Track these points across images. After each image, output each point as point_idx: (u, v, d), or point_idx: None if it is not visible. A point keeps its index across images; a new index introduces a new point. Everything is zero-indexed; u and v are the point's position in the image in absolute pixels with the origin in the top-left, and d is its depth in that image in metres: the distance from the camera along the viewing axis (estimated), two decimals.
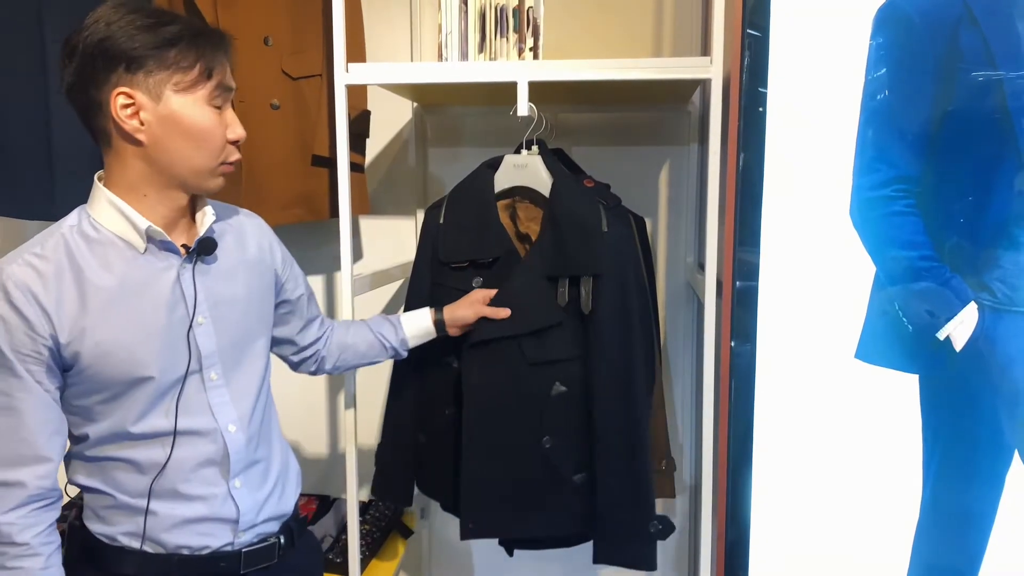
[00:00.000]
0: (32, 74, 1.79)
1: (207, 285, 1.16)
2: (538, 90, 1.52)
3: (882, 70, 1.36)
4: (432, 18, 2.01)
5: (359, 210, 1.89)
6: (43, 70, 1.78)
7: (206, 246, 1.15)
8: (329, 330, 1.48)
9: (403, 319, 1.54)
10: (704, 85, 1.75)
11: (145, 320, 1.10)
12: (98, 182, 1.12)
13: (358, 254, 2.17)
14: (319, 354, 1.46)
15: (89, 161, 1.75)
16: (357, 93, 1.85)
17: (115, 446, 1.12)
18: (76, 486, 1.16)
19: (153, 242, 1.12)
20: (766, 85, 1.39)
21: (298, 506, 1.32)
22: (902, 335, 1.41)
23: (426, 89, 1.77)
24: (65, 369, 1.08)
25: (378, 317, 1.54)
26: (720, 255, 1.50)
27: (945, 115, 1.35)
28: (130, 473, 1.12)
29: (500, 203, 1.61)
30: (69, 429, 1.12)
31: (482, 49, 1.59)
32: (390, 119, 2.09)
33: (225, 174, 1.16)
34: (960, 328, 1.38)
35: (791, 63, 1.38)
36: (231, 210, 1.29)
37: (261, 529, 1.22)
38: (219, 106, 1.12)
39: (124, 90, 1.05)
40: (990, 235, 1.36)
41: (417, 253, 1.67)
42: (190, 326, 1.13)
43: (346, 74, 1.56)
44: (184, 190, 1.14)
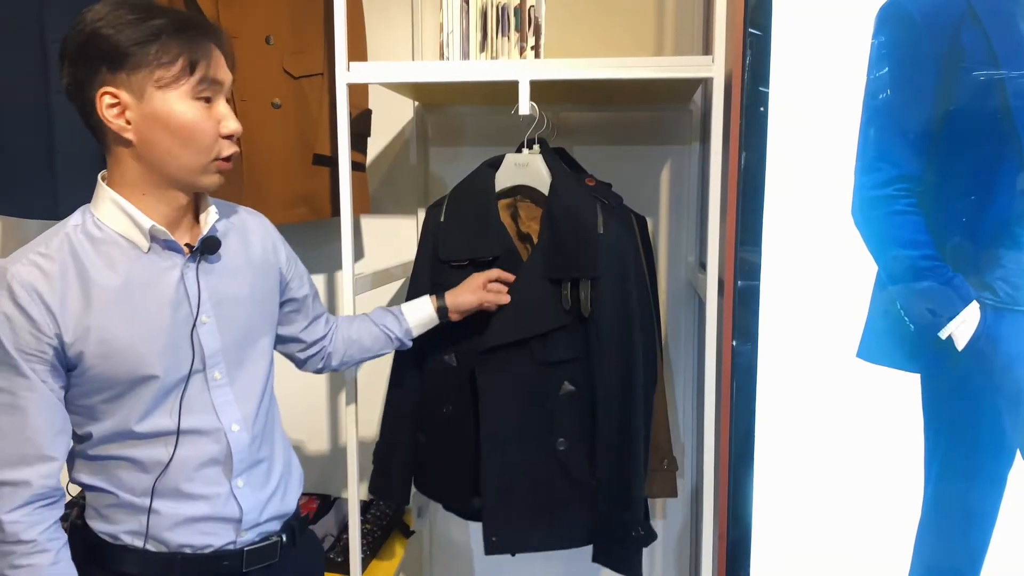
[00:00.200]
0: (33, 73, 1.79)
1: (211, 284, 1.16)
2: (539, 89, 1.52)
3: (884, 69, 1.36)
4: (433, 17, 2.01)
5: (360, 209, 1.89)
6: (44, 69, 1.78)
7: (210, 245, 1.15)
8: (334, 327, 1.48)
9: (405, 309, 1.54)
10: (706, 84, 1.75)
11: (149, 319, 1.09)
12: (101, 181, 1.12)
13: (359, 253, 2.17)
14: (325, 351, 1.46)
15: (91, 160, 1.75)
16: (358, 92, 1.85)
17: (118, 445, 1.11)
18: (78, 485, 1.16)
19: (157, 241, 1.12)
20: (768, 84, 1.39)
21: (300, 506, 1.32)
22: (904, 334, 1.41)
23: (427, 88, 1.77)
24: (69, 368, 1.07)
25: (379, 310, 1.54)
26: (721, 254, 1.50)
27: (947, 114, 1.34)
28: (133, 472, 1.12)
29: (501, 202, 1.61)
30: (72, 428, 1.12)
31: (483, 48, 1.59)
32: (391, 118, 2.09)
33: (222, 171, 1.13)
34: (962, 327, 1.38)
35: (793, 62, 1.38)
36: (235, 209, 1.29)
37: (263, 528, 1.22)
38: (208, 99, 1.09)
39: (109, 89, 1.05)
40: (992, 234, 1.36)
41: (418, 252, 1.68)
42: (194, 325, 1.13)
43: (347, 73, 1.56)
44: (180, 189, 1.12)
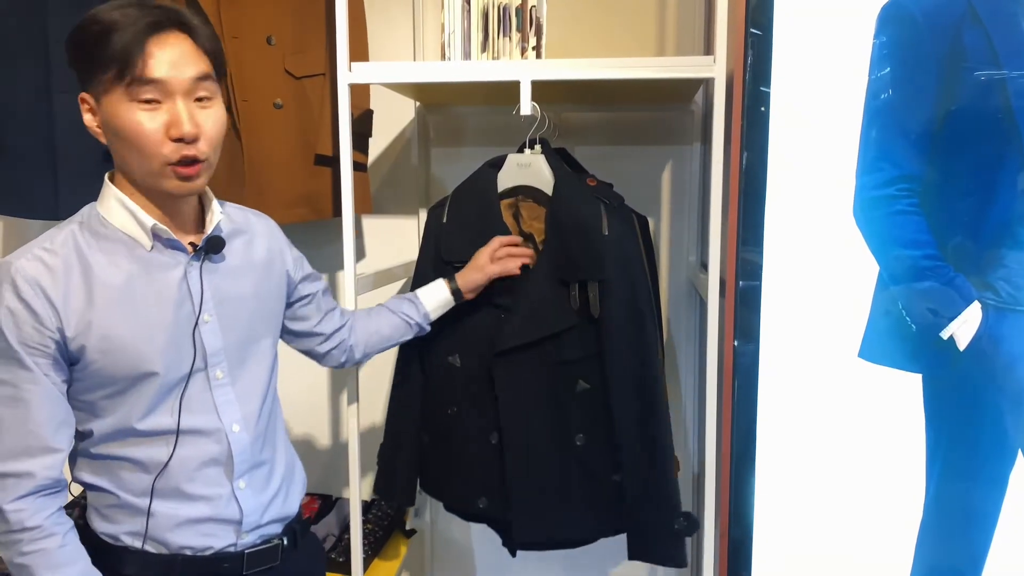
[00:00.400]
0: (35, 74, 1.79)
1: (214, 283, 1.16)
2: (541, 89, 1.52)
3: (885, 69, 1.36)
4: (435, 17, 2.01)
5: (362, 209, 1.89)
6: (46, 70, 1.78)
7: (214, 244, 1.16)
8: (351, 319, 1.49)
9: (420, 294, 1.55)
10: (707, 84, 1.74)
11: (150, 316, 1.10)
12: (107, 180, 1.13)
13: (361, 253, 2.17)
14: (345, 343, 1.47)
15: (92, 161, 1.74)
16: (360, 92, 1.85)
17: (120, 444, 1.12)
18: (81, 484, 1.16)
19: (159, 240, 1.12)
20: (769, 84, 1.39)
21: (302, 509, 1.32)
22: (905, 334, 1.41)
23: (429, 88, 1.77)
24: (72, 363, 1.08)
25: (395, 298, 1.56)
26: (723, 254, 1.50)
27: (948, 114, 1.34)
28: (134, 472, 1.13)
29: (503, 202, 1.61)
30: (76, 425, 1.13)
31: (485, 48, 1.59)
32: (393, 118, 2.09)
33: (182, 175, 1.07)
34: (964, 327, 1.38)
35: (794, 62, 1.38)
36: (243, 211, 1.29)
37: (264, 531, 1.22)
38: (151, 100, 1.04)
39: (83, 95, 1.08)
40: (994, 234, 1.35)
41: (420, 252, 1.68)
42: (196, 323, 1.13)
43: (349, 73, 1.56)
44: (155, 191, 1.11)
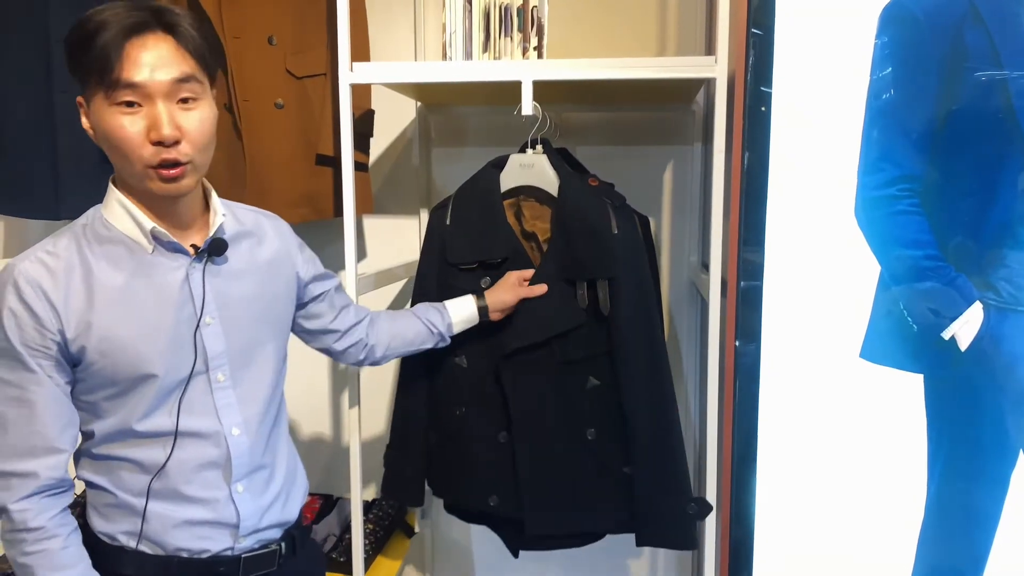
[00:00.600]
0: (37, 74, 1.79)
1: (217, 286, 1.16)
2: (542, 89, 1.52)
3: (887, 69, 1.36)
4: (436, 17, 2.01)
5: (363, 209, 1.89)
6: (48, 70, 1.78)
7: (216, 247, 1.15)
8: (368, 317, 1.48)
9: (449, 305, 1.55)
10: (708, 84, 1.74)
11: (150, 318, 1.10)
12: (111, 182, 1.13)
13: (362, 253, 2.17)
14: (364, 342, 1.46)
15: (93, 161, 1.75)
16: (361, 92, 1.85)
17: (120, 444, 1.12)
18: (82, 481, 1.16)
19: (160, 242, 1.12)
20: (770, 85, 1.39)
21: (302, 515, 1.31)
22: (907, 335, 1.41)
23: (430, 88, 1.77)
24: (74, 364, 1.09)
25: (424, 305, 1.56)
26: (724, 255, 1.50)
27: (950, 114, 1.34)
28: (133, 472, 1.13)
29: (505, 202, 1.61)
30: (79, 425, 1.13)
31: (486, 48, 1.59)
32: (394, 118, 2.09)
33: (166, 178, 1.06)
34: (965, 327, 1.38)
35: (796, 62, 1.38)
36: (253, 212, 1.28)
37: (263, 536, 1.21)
38: (130, 103, 1.04)
39: (79, 98, 1.08)
40: (995, 234, 1.35)
41: (422, 254, 1.67)
42: (197, 326, 1.13)
43: (350, 73, 1.56)
44: (146, 193, 1.10)
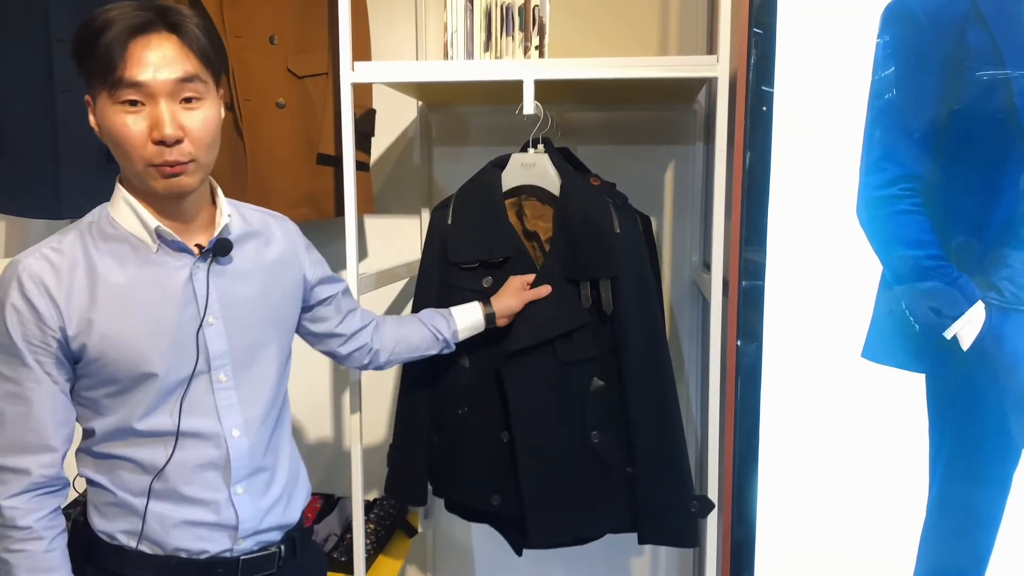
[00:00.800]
0: (38, 73, 1.79)
1: (221, 286, 1.16)
2: (544, 89, 1.51)
3: (889, 69, 1.35)
4: (438, 17, 2.01)
5: (364, 209, 1.89)
6: (49, 69, 1.78)
7: (221, 247, 1.15)
8: (374, 322, 1.48)
9: (455, 312, 1.54)
10: (710, 84, 1.75)
11: (152, 317, 1.10)
12: (118, 181, 1.14)
13: (363, 253, 2.17)
14: (368, 346, 1.45)
15: (95, 160, 1.75)
16: (362, 92, 1.85)
17: (121, 443, 1.12)
18: (84, 478, 1.16)
19: (164, 241, 1.12)
20: (772, 84, 1.39)
21: (303, 518, 1.30)
22: (909, 334, 1.41)
23: (431, 88, 1.77)
24: (75, 361, 1.09)
25: (430, 311, 1.55)
26: (726, 254, 1.49)
27: (952, 113, 1.34)
28: (133, 471, 1.13)
29: (507, 201, 1.61)
30: (80, 423, 1.13)
31: (488, 47, 1.59)
32: (395, 118, 2.09)
33: (169, 176, 1.06)
34: (967, 327, 1.38)
35: (797, 62, 1.38)
36: (262, 213, 1.28)
37: (263, 538, 1.20)
38: (134, 102, 1.04)
39: (87, 96, 1.08)
40: (997, 234, 1.35)
41: (424, 253, 1.67)
42: (200, 326, 1.13)
43: (352, 73, 1.56)
44: (150, 192, 1.10)
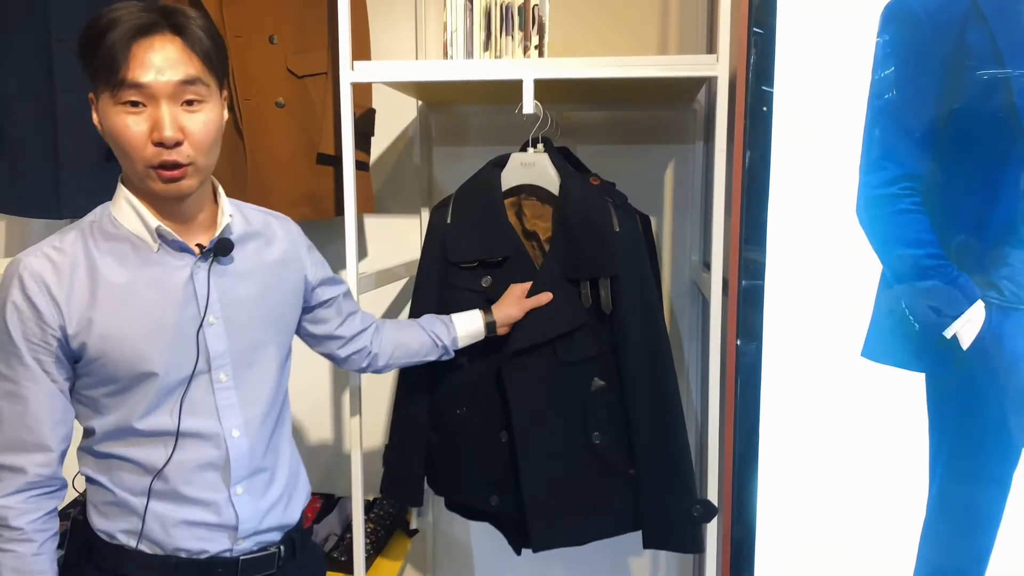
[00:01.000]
0: (38, 73, 1.79)
1: (222, 286, 1.16)
2: (543, 88, 1.51)
3: (889, 68, 1.35)
4: (437, 16, 2.01)
5: (364, 208, 1.89)
6: (49, 69, 1.78)
7: (222, 247, 1.15)
8: (374, 325, 1.48)
9: (456, 319, 1.54)
10: (710, 83, 1.75)
11: (153, 316, 1.10)
12: (120, 181, 1.14)
13: (363, 252, 2.17)
14: (367, 349, 1.45)
15: (95, 160, 1.75)
16: (362, 91, 1.85)
17: (120, 442, 1.12)
18: (84, 476, 1.16)
19: (165, 241, 1.12)
20: (772, 84, 1.39)
21: (303, 518, 1.31)
22: (909, 333, 1.41)
23: (431, 87, 1.77)
24: (75, 360, 1.09)
25: (430, 316, 1.55)
26: (726, 254, 1.49)
27: (952, 113, 1.34)
28: (133, 471, 1.13)
29: (506, 201, 1.61)
30: (80, 421, 1.13)
31: (487, 47, 1.59)
32: (395, 117, 2.09)
33: (167, 178, 1.07)
34: (967, 326, 1.38)
35: (797, 61, 1.38)
36: (264, 213, 1.28)
37: (262, 538, 1.20)
38: (135, 103, 1.04)
39: (91, 95, 1.08)
40: (997, 233, 1.35)
41: (423, 253, 1.67)
42: (200, 325, 1.13)
43: (351, 72, 1.56)
44: (149, 192, 1.10)
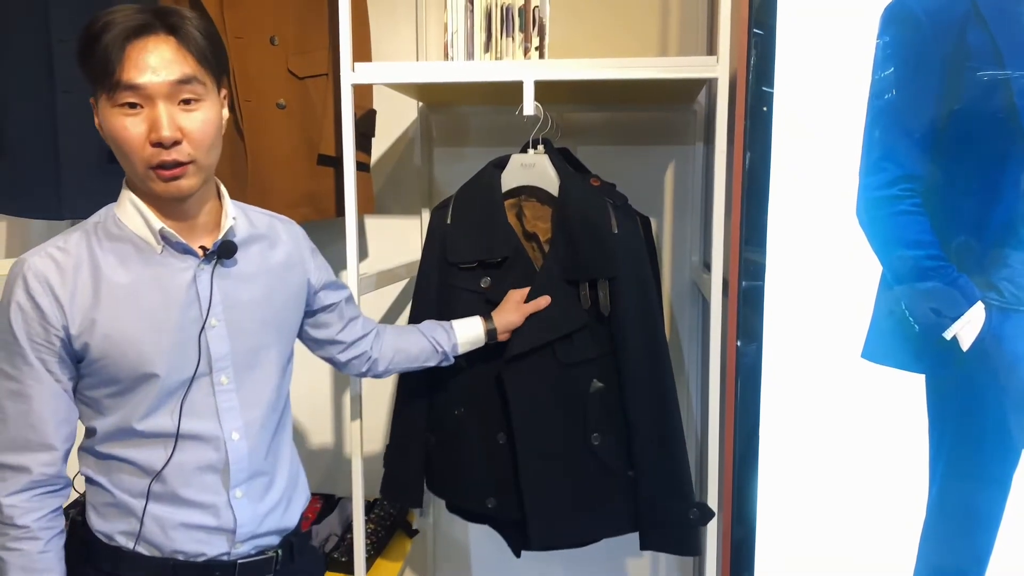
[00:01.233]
0: (38, 73, 1.79)
1: (225, 288, 1.16)
2: (544, 89, 1.52)
3: (889, 69, 1.36)
4: (438, 17, 2.01)
5: (364, 209, 1.89)
6: (49, 69, 1.78)
7: (225, 249, 1.15)
8: (375, 331, 1.47)
9: (456, 325, 1.53)
10: (710, 84, 1.75)
11: (155, 317, 1.10)
12: (124, 182, 1.14)
13: (363, 253, 2.17)
14: (368, 354, 1.45)
15: (96, 161, 1.75)
16: (363, 92, 1.85)
17: (121, 443, 1.12)
18: (84, 476, 1.17)
19: (169, 243, 1.12)
20: (772, 85, 1.39)
21: (302, 522, 1.31)
22: (909, 335, 1.41)
23: (432, 88, 1.77)
24: (78, 360, 1.10)
25: (430, 323, 1.54)
26: (726, 255, 1.50)
27: (952, 114, 1.34)
28: (132, 472, 1.13)
29: (506, 202, 1.61)
30: (82, 421, 1.14)
31: (488, 48, 1.59)
32: (396, 118, 2.09)
33: (167, 178, 1.07)
34: (967, 327, 1.38)
35: (797, 63, 1.38)
36: (268, 216, 1.28)
37: (260, 542, 1.20)
38: (133, 104, 1.04)
39: (92, 98, 1.08)
40: (997, 234, 1.35)
41: (423, 253, 1.67)
42: (202, 328, 1.13)
43: (352, 73, 1.56)
44: (151, 193, 1.10)
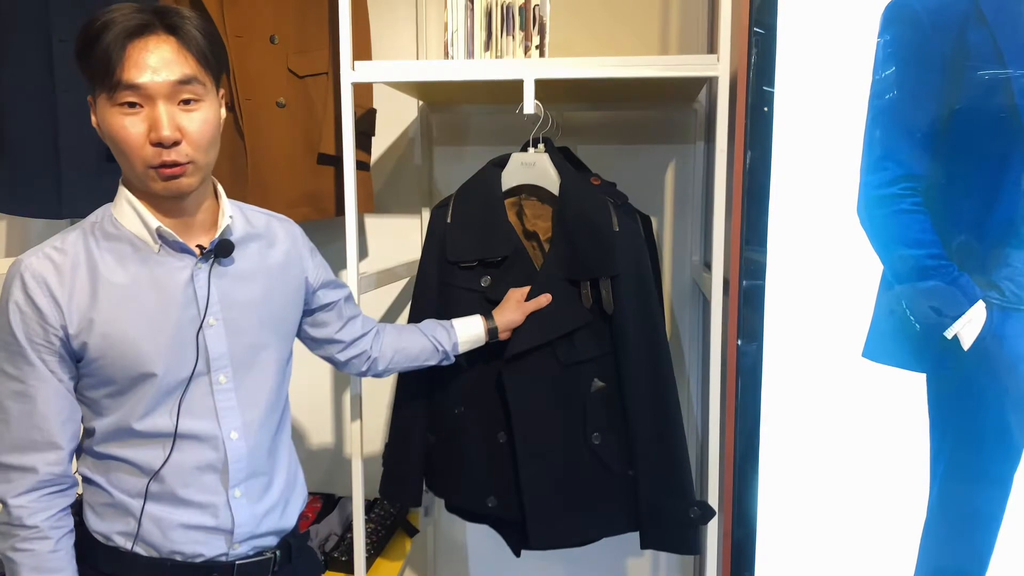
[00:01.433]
0: (39, 72, 1.79)
1: (223, 287, 1.16)
2: (544, 88, 1.51)
3: (889, 68, 1.35)
4: (438, 16, 2.01)
5: (364, 208, 1.89)
6: (50, 69, 1.78)
7: (222, 248, 1.15)
8: (375, 330, 1.47)
9: (456, 325, 1.53)
10: (711, 83, 1.75)
11: (153, 317, 1.10)
12: (121, 181, 1.14)
13: (363, 252, 2.17)
14: (367, 354, 1.45)
15: (95, 160, 1.75)
16: (363, 91, 1.85)
17: (119, 443, 1.12)
18: (82, 476, 1.17)
19: (166, 242, 1.12)
20: (773, 84, 1.39)
21: (300, 523, 1.31)
22: (909, 334, 1.41)
23: (432, 87, 1.77)
24: (77, 360, 1.10)
25: (431, 322, 1.54)
26: (726, 254, 1.50)
27: (953, 113, 1.34)
28: (130, 472, 1.13)
29: (507, 201, 1.61)
30: (81, 421, 1.14)
31: (488, 47, 1.59)
32: (396, 117, 2.09)
33: (167, 177, 1.07)
34: (968, 327, 1.38)
35: (798, 61, 1.38)
36: (266, 215, 1.28)
37: (258, 542, 1.20)
38: (132, 104, 1.04)
39: (89, 97, 1.08)
40: (998, 233, 1.35)
41: (423, 252, 1.67)
42: (200, 327, 1.13)
43: (352, 72, 1.56)
44: (149, 193, 1.10)
